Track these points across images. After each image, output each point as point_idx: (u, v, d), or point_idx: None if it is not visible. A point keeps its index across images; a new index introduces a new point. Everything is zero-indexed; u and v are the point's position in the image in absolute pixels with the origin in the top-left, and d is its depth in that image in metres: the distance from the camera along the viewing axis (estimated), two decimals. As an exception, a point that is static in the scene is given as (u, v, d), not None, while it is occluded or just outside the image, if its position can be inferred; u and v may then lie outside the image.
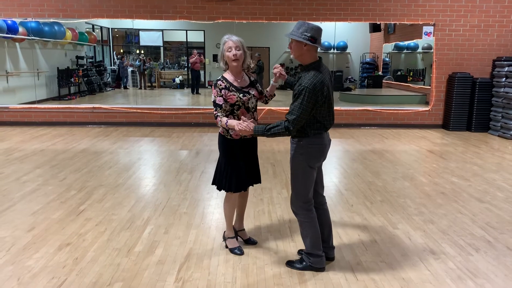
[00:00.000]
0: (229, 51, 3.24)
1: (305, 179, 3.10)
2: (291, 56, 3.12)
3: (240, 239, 3.70)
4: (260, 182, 3.63)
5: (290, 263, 3.33)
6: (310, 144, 3.04)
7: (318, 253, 3.21)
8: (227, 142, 3.37)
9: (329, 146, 3.18)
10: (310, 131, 3.02)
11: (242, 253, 3.52)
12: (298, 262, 3.31)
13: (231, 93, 3.25)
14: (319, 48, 3.06)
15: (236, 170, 3.38)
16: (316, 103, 2.92)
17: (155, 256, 3.46)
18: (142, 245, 3.66)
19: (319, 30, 2.96)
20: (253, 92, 3.37)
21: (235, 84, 3.30)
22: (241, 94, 3.27)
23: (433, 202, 4.83)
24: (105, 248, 3.60)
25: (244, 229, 3.75)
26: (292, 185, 3.19)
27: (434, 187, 5.40)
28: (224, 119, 3.20)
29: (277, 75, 3.35)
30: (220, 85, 3.26)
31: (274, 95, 3.57)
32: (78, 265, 3.30)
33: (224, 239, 3.67)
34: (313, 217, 3.18)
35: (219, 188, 3.47)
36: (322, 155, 3.13)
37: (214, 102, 3.27)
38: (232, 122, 3.14)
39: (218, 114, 3.24)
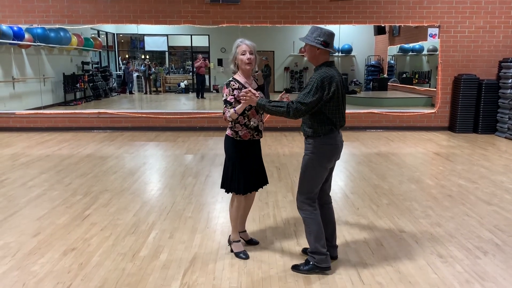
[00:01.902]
0: (244, 55, 3.32)
1: (314, 177, 3.18)
2: (305, 59, 3.30)
3: (242, 241, 3.70)
4: (268, 183, 3.68)
5: (295, 267, 3.31)
6: (322, 144, 3.13)
7: (322, 251, 3.21)
8: (236, 144, 3.41)
9: (342, 147, 3.26)
10: (321, 130, 3.11)
11: (247, 257, 3.51)
12: (303, 264, 3.30)
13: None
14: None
15: (245, 172, 3.43)
16: (323, 96, 3.02)
17: (160, 261, 3.45)
18: (147, 250, 3.65)
19: (331, 35, 3.12)
20: (261, 95, 3.42)
21: (246, 86, 3.36)
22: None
23: (440, 205, 4.79)
24: (110, 253, 3.59)
25: (245, 231, 3.78)
26: (299, 180, 3.27)
27: (440, 189, 5.35)
28: (232, 109, 3.26)
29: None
30: (233, 85, 3.33)
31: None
32: (83, 270, 3.29)
33: (230, 243, 3.65)
34: (317, 214, 3.24)
35: (227, 191, 3.50)
36: (334, 156, 3.21)
37: (225, 100, 3.32)
38: (238, 106, 3.24)
39: (227, 109, 3.30)
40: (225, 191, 3.53)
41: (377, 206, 4.77)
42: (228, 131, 3.44)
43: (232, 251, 3.58)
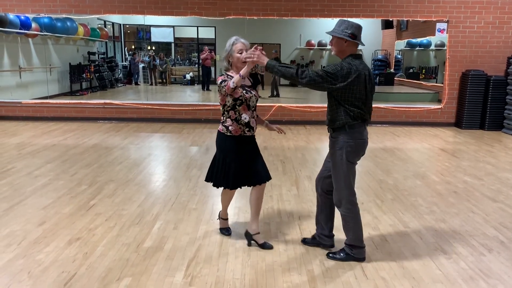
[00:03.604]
0: (240, 53, 3.33)
1: (347, 174, 3.21)
2: (332, 52, 3.26)
3: (254, 243, 3.59)
4: (269, 179, 3.57)
5: (331, 255, 3.39)
6: (348, 139, 3.14)
7: (361, 245, 3.32)
8: (226, 139, 3.43)
9: (367, 142, 3.26)
10: (347, 124, 3.11)
11: (229, 234, 3.76)
12: (339, 253, 3.38)
13: None
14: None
15: (234, 168, 3.42)
16: (335, 83, 3.00)
17: (164, 252, 3.46)
18: (151, 241, 3.66)
19: (359, 28, 3.12)
20: (254, 92, 3.47)
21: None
22: (244, 91, 3.37)
23: (445, 201, 4.77)
24: (114, 243, 3.61)
25: (259, 233, 3.60)
26: (334, 180, 3.27)
27: (446, 186, 5.33)
28: (236, 75, 3.19)
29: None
30: (225, 77, 3.36)
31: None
32: (88, 259, 3.31)
33: (218, 217, 3.88)
34: (357, 212, 3.30)
35: (215, 185, 3.54)
36: (361, 150, 3.23)
37: (220, 82, 3.30)
38: (242, 69, 3.17)
39: (228, 80, 3.22)
40: (213, 185, 3.55)
41: (381, 201, 4.75)
42: (220, 127, 3.47)
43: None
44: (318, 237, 3.57)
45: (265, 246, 3.56)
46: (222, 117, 3.46)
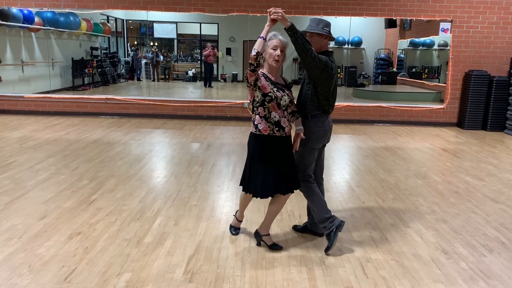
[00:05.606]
0: (274, 50, 3.20)
1: (304, 157, 3.44)
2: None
3: (263, 244, 3.54)
4: (296, 188, 3.42)
5: (327, 250, 3.44)
6: (310, 127, 3.38)
7: (328, 216, 3.42)
8: (255, 139, 3.26)
9: (330, 131, 3.51)
10: (310, 113, 3.37)
11: (236, 234, 3.73)
12: (328, 241, 3.43)
13: (267, 82, 3.18)
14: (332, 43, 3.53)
15: (262, 173, 3.26)
16: (326, 66, 3.23)
17: (165, 248, 3.46)
18: (152, 236, 3.66)
19: (330, 25, 3.46)
20: (287, 92, 3.29)
21: (269, 77, 3.26)
22: (275, 88, 3.21)
23: (446, 201, 4.76)
24: (115, 238, 3.61)
25: (269, 234, 3.54)
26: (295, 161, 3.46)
27: (447, 186, 5.32)
28: (258, 38, 3.05)
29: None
30: (261, 72, 3.24)
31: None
32: (88, 254, 3.32)
33: (234, 215, 3.83)
34: (313, 185, 3.48)
35: (244, 190, 3.44)
36: (321, 138, 3.45)
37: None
38: (262, 32, 3.09)
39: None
40: (242, 190, 3.47)
41: (382, 200, 4.75)
42: (252, 128, 3.31)
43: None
44: (310, 225, 3.78)
45: (274, 247, 3.50)
46: (252, 116, 3.29)
